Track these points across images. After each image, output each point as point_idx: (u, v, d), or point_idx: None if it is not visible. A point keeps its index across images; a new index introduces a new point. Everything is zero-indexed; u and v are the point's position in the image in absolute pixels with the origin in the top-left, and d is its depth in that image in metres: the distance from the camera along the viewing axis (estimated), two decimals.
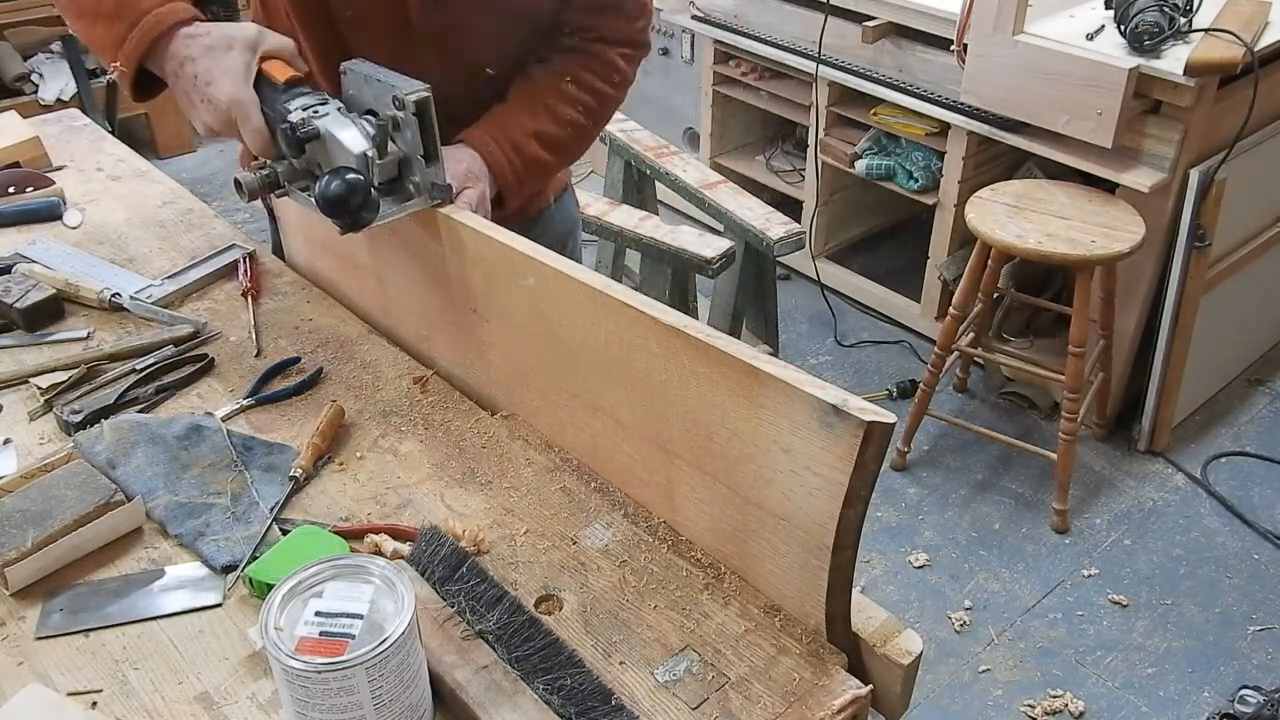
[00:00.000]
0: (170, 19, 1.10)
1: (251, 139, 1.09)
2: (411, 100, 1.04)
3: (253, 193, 1.11)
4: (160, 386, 1.26)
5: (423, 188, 1.11)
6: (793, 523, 0.91)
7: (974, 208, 2.45)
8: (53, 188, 1.65)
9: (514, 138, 1.28)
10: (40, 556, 1.00)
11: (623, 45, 1.35)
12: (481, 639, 0.91)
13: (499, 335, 1.17)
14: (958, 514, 2.61)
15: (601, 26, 1.33)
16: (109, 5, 1.12)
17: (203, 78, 1.08)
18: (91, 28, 1.15)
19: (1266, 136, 2.61)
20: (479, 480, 1.13)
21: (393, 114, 1.07)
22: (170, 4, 1.11)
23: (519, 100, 1.32)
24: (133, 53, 1.10)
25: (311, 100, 1.08)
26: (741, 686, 0.90)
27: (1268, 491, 2.67)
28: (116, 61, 1.13)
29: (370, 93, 1.09)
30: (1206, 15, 2.48)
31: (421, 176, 1.10)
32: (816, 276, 3.36)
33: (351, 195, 1.02)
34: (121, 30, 1.10)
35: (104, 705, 0.89)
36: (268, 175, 1.11)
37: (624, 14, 1.33)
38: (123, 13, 1.11)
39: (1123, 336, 2.69)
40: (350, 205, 1.03)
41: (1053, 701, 2.15)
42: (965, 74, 2.61)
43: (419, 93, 1.05)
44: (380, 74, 1.08)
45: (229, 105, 1.07)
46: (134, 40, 1.10)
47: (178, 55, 1.10)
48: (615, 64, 1.35)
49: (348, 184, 1.02)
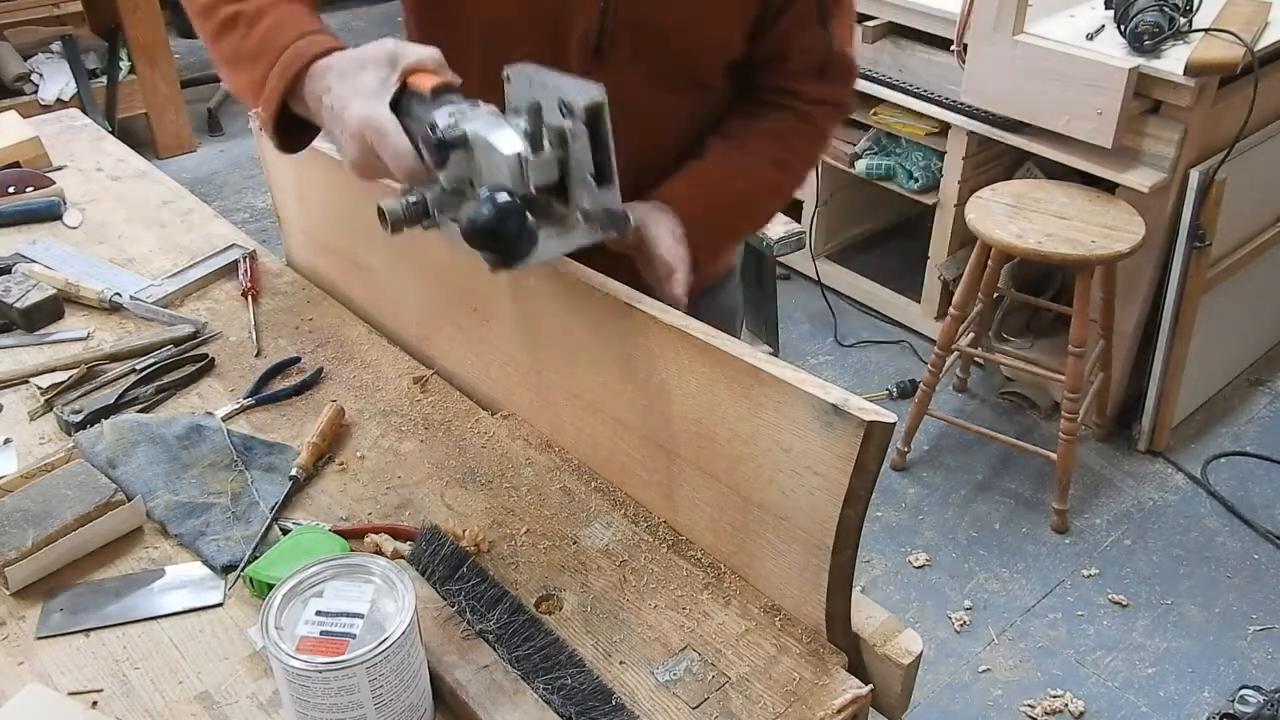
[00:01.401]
0: (309, 52, 0.96)
1: (394, 162, 0.92)
2: (581, 106, 0.86)
3: (396, 223, 0.92)
4: (160, 386, 1.26)
5: (593, 215, 0.91)
6: (793, 522, 0.91)
7: (974, 208, 2.45)
8: (53, 188, 1.65)
9: (713, 198, 1.17)
10: (40, 556, 1.00)
11: (830, 106, 1.24)
12: (482, 639, 0.91)
13: (499, 335, 1.17)
14: (958, 514, 2.61)
15: (811, 90, 1.21)
16: (249, 47, 0.99)
17: (338, 107, 0.93)
18: (235, 74, 1.03)
19: (1266, 136, 2.61)
20: (479, 480, 1.13)
21: (560, 124, 0.88)
22: (311, 36, 0.97)
23: (719, 158, 1.19)
24: (273, 95, 0.97)
25: (463, 105, 0.92)
26: (741, 686, 0.90)
27: (1268, 491, 2.66)
28: (258, 107, 1.00)
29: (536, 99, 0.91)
30: (1206, 15, 2.48)
31: (591, 201, 0.90)
32: (816, 276, 3.36)
33: (503, 221, 0.86)
34: (261, 72, 0.98)
35: (104, 705, 0.89)
36: (415, 202, 0.92)
37: (832, 78, 1.22)
38: (262, 53, 0.98)
39: (1123, 336, 2.69)
40: (503, 234, 0.86)
41: (1053, 701, 2.15)
42: (965, 74, 2.61)
43: (591, 96, 0.86)
44: (548, 76, 0.90)
45: (360, 127, 0.91)
46: (273, 81, 0.97)
47: (317, 90, 0.95)
48: (822, 127, 1.25)
49: (499, 208, 0.85)
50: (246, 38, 1.00)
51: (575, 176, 0.90)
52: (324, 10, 1.05)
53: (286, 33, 0.98)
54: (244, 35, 1.00)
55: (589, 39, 1.10)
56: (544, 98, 0.89)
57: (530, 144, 0.87)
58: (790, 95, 1.22)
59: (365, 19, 5.45)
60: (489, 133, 0.88)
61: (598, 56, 1.11)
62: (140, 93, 4.08)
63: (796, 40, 1.17)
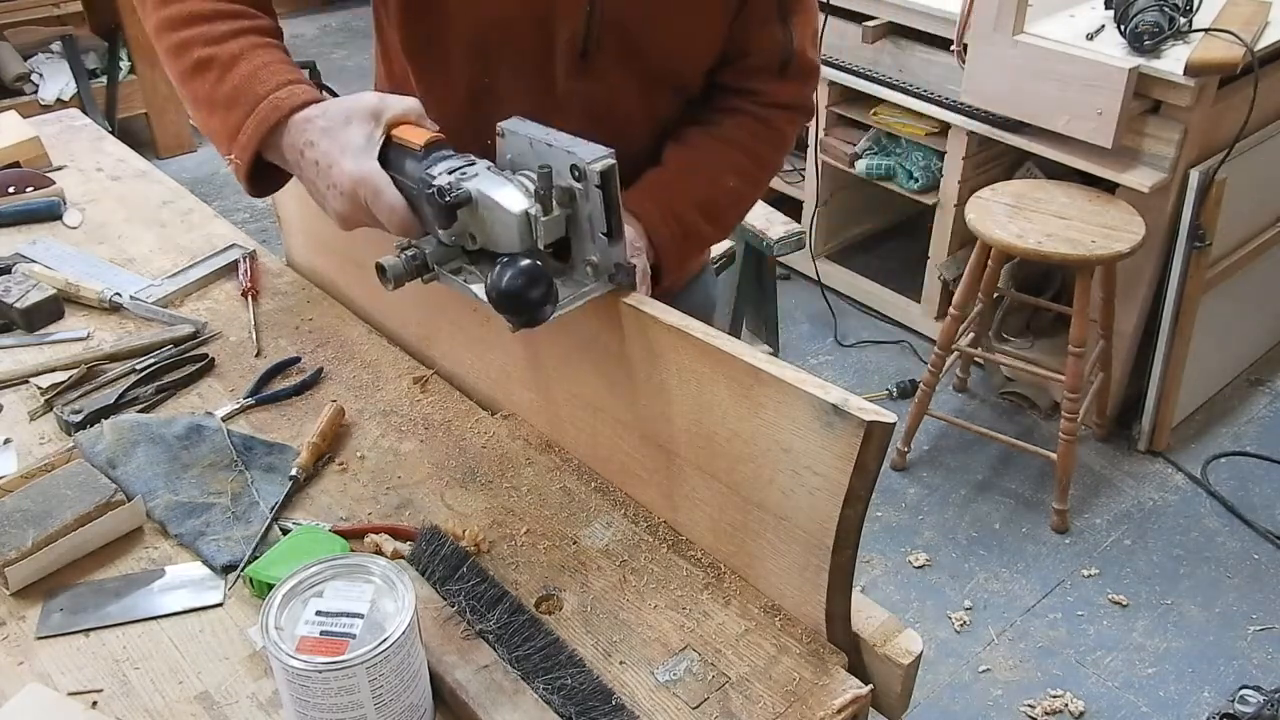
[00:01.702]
0: (289, 103, 0.97)
1: (388, 218, 0.94)
2: (596, 171, 0.88)
3: (398, 279, 0.94)
4: (160, 386, 1.26)
5: (601, 269, 0.95)
6: (793, 522, 0.91)
7: (974, 208, 2.45)
8: (53, 188, 1.65)
9: (676, 207, 1.16)
10: (40, 556, 1.00)
11: (790, 109, 1.23)
12: (482, 639, 0.91)
13: (499, 335, 1.17)
14: (958, 514, 2.61)
15: (768, 90, 1.20)
16: (225, 91, 0.99)
17: (323, 162, 0.95)
18: (209, 117, 1.02)
19: (1266, 136, 2.61)
20: (479, 480, 1.13)
21: (568, 185, 0.90)
22: (290, 86, 0.98)
23: (680, 166, 1.19)
24: (248, 143, 0.98)
25: (457, 162, 0.93)
26: (741, 686, 0.90)
27: (1268, 491, 2.66)
28: (231, 154, 1.00)
29: (536, 158, 0.93)
30: (1206, 15, 2.48)
31: (601, 256, 0.94)
32: (816, 276, 3.36)
33: (530, 287, 0.88)
34: (236, 119, 0.98)
35: (104, 705, 0.89)
36: (414, 256, 0.94)
37: (792, 77, 1.20)
38: (239, 99, 0.98)
39: (1123, 336, 2.69)
40: (529, 299, 0.89)
41: (1053, 701, 2.15)
42: (965, 74, 2.61)
43: (603, 160, 0.89)
44: (550, 136, 0.92)
45: (353, 185, 0.93)
46: (250, 130, 0.97)
47: (296, 144, 0.96)
48: (782, 130, 1.24)
49: (525, 274, 0.87)
50: (221, 83, 1.00)
51: (584, 233, 0.93)
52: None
53: (264, 82, 0.98)
54: (218, 80, 1.00)
55: (575, 43, 1.10)
56: (550, 159, 0.91)
57: (541, 205, 0.90)
58: (749, 96, 1.21)
59: (365, 19, 5.44)
60: (493, 191, 0.90)
61: (584, 60, 1.11)
62: (140, 93, 4.08)
63: (756, 36, 1.16)
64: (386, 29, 1.19)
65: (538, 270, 0.88)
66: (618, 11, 1.09)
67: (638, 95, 1.17)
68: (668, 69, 1.16)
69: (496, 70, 1.14)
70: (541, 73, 1.13)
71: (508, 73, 1.13)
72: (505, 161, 0.97)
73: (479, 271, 0.95)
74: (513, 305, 0.89)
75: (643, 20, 1.10)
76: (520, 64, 1.13)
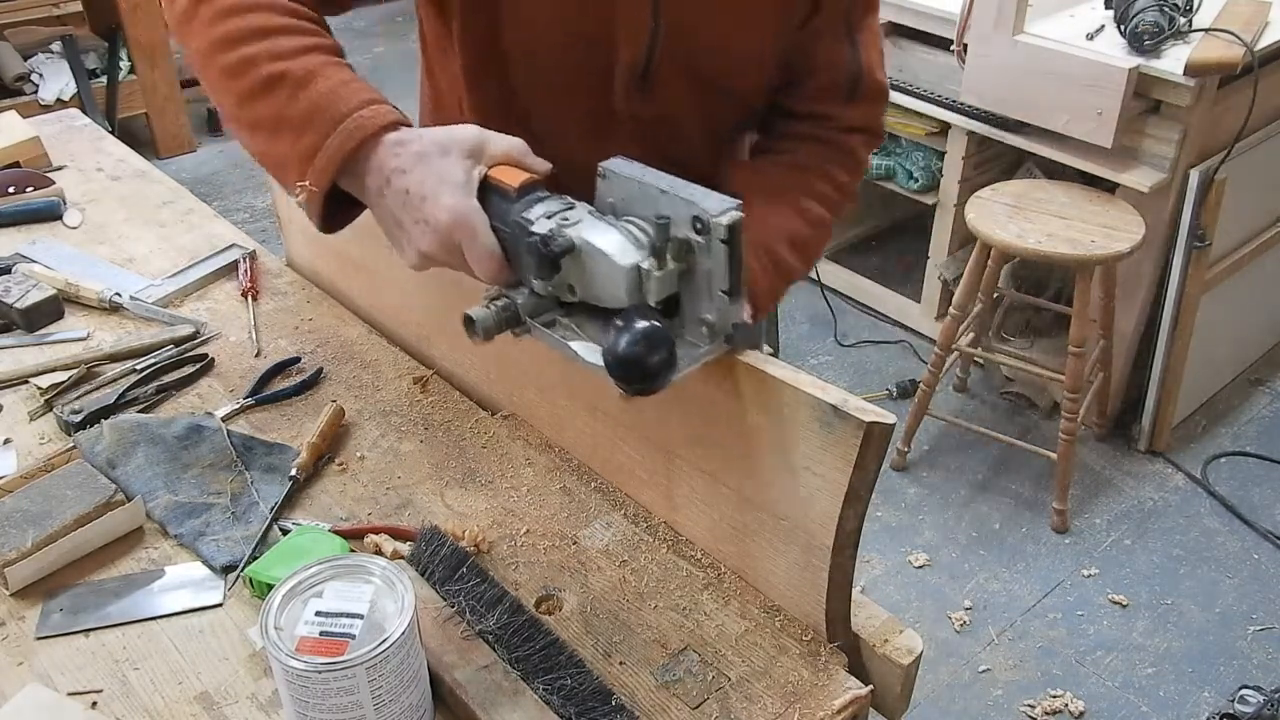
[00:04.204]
0: (376, 122, 0.87)
1: (481, 264, 0.86)
2: (723, 224, 0.78)
3: (488, 332, 0.87)
4: (160, 386, 1.26)
5: (719, 329, 0.84)
6: (793, 523, 0.91)
7: (974, 208, 2.45)
8: (53, 188, 1.65)
9: (765, 240, 1.07)
10: (40, 556, 1.00)
11: (862, 132, 1.18)
12: (481, 639, 0.91)
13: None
14: (958, 514, 2.61)
15: (839, 114, 1.16)
16: (298, 111, 0.89)
17: (415, 192, 0.85)
18: (271, 142, 0.91)
19: (1267, 136, 2.61)
20: (479, 480, 1.13)
21: (685, 237, 0.81)
22: (374, 105, 0.89)
23: (763, 198, 1.09)
24: (328, 166, 0.87)
25: (555, 205, 0.85)
26: (741, 686, 0.90)
27: (1268, 491, 2.66)
28: (304, 180, 0.89)
29: (647, 205, 0.83)
30: (1206, 15, 2.48)
31: (719, 316, 0.83)
32: (816, 276, 3.35)
33: (651, 353, 0.79)
34: (313, 140, 0.87)
35: (104, 705, 0.89)
36: (505, 308, 0.87)
37: (862, 98, 1.16)
38: (315, 119, 0.88)
39: (1123, 336, 2.69)
40: (650, 367, 0.79)
41: (1053, 701, 2.15)
42: (965, 74, 2.61)
43: (730, 212, 0.78)
44: (663, 180, 0.82)
45: (450, 224, 0.84)
46: (330, 151, 0.87)
47: (384, 168, 0.87)
48: (858, 154, 1.18)
49: (647, 338, 0.78)
50: (293, 100, 0.89)
51: (699, 289, 0.83)
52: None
53: (345, 100, 0.88)
54: (289, 98, 0.89)
55: (636, 64, 1.07)
56: (664, 206, 0.82)
57: (655, 258, 0.81)
58: (820, 121, 1.16)
59: (366, 19, 5.45)
60: (599, 240, 0.82)
61: (643, 81, 1.08)
62: (140, 93, 4.08)
63: (823, 55, 1.13)
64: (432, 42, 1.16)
65: (659, 334, 0.79)
66: (680, 32, 1.05)
67: (696, 116, 1.13)
68: (727, 88, 1.12)
69: (554, 89, 1.10)
70: (600, 93, 1.09)
71: (564, 92, 1.10)
72: (607, 205, 0.87)
73: (574, 325, 0.87)
74: (632, 373, 0.80)
75: (705, 40, 1.07)
76: (578, 84, 1.09)
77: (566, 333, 0.87)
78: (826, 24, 1.11)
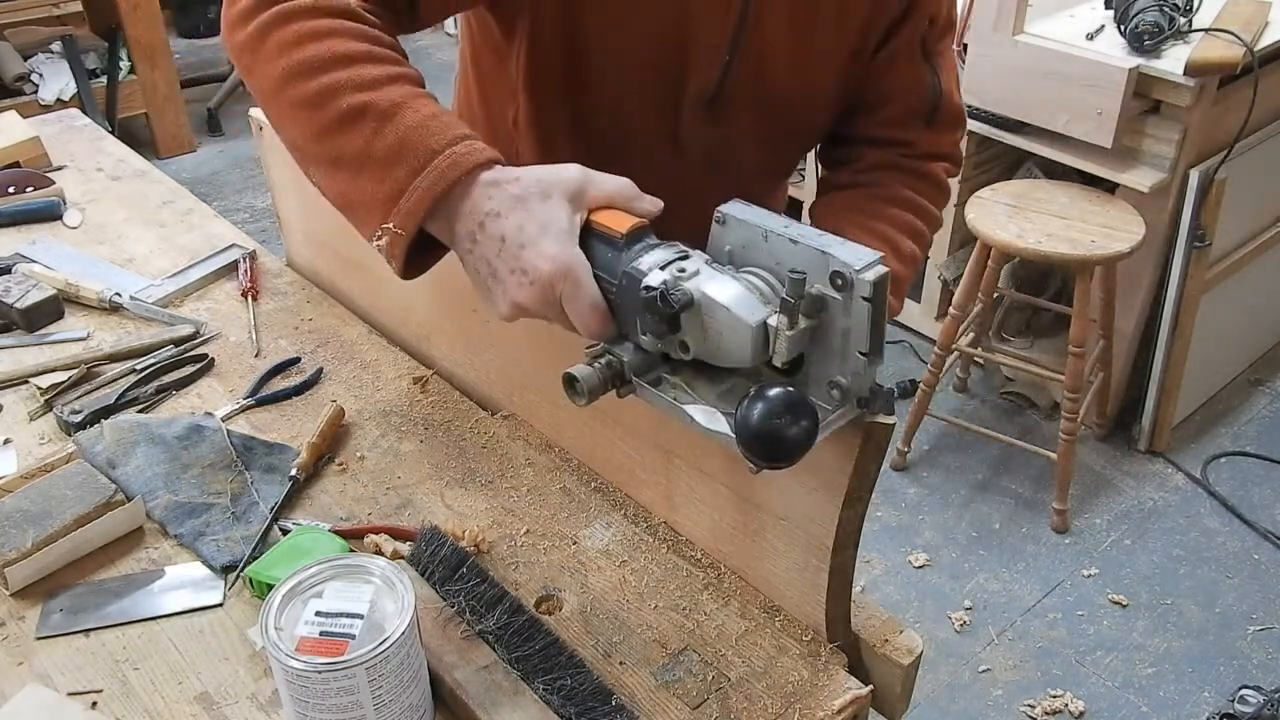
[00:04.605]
0: (470, 160, 0.80)
1: (583, 318, 0.79)
2: (868, 281, 0.71)
3: (593, 391, 0.79)
4: (160, 386, 1.26)
5: (852, 393, 0.76)
6: (793, 523, 0.91)
7: (974, 208, 2.45)
8: (53, 188, 1.65)
9: None
10: (40, 556, 1.00)
11: (945, 159, 1.14)
12: (481, 639, 0.91)
13: (499, 335, 1.17)
14: (958, 514, 2.61)
15: (920, 140, 1.12)
16: (386, 145, 0.81)
17: (513, 239, 0.78)
18: (354, 180, 0.83)
19: (1266, 136, 2.61)
20: (479, 480, 1.13)
21: (820, 293, 0.73)
22: (467, 141, 0.81)
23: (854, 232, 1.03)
24: (417, 208, 0.80)
25: (666, 253, 0.78)
26: (741, 686, 0.90)
27: (1268, 491, 2.67)
28: (388, 222, 0.81)
29: (769, 254, 0.77)
30: (1206, 15, 2.48)
31: (854, 379, 0.75)
32: None
33: (792, 425, 0.71)
34: (401, 179, 0.80)
35: (104, 705, 0.89)
36: (609, 365, 0.80)
37: (941, 124, 1.12)
38: (403, 155, 0.80)
39: (1123, 336, 2.69)
40: (790, 441, 0.71)
41: (1053, 701, 2.15)
42: (965, 74, 2.61)
43: (875, 268, 0.71)
44: (792, 229, 0.75)
45: (552, 275, 0.77)
46: (421, 190, 0.79)
47: (477, 211, 0.80)
48: (941, 182, 1.14)
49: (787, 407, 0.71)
50: (379, 135, 0.81)
51: (832, 349, 0.75)
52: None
53: (436, 135, 0.81)
54: (375, 132, 0.81)
55: (705, 91, 1.06)
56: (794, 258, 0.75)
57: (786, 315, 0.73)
58: (900, 148, 1.12)
59: None
60: (721, 295, 0.74)
61: (710, 111, 1.07)
62: (140, 93, 4.08)
63: (900, 79, 1.09)
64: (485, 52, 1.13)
65: (798, 401, 0.71)
66: (753, 64, 1.04)
67: (761, 142, 1.11)
68: (794, 116, 1.10)
69: (619, 114, 1.07)
70: (666, 119, 1.07)
71: (629, 117, 1.07)
72: (724, 254, 0.80)
73: (684, 384, 0.80)
74: (775, 448, 0.71)
75: (777, 73, 1.05)
76: (645, 109, 1.07)
77: (677, 393, 0.80)
78: (903, 47, 1.08)
